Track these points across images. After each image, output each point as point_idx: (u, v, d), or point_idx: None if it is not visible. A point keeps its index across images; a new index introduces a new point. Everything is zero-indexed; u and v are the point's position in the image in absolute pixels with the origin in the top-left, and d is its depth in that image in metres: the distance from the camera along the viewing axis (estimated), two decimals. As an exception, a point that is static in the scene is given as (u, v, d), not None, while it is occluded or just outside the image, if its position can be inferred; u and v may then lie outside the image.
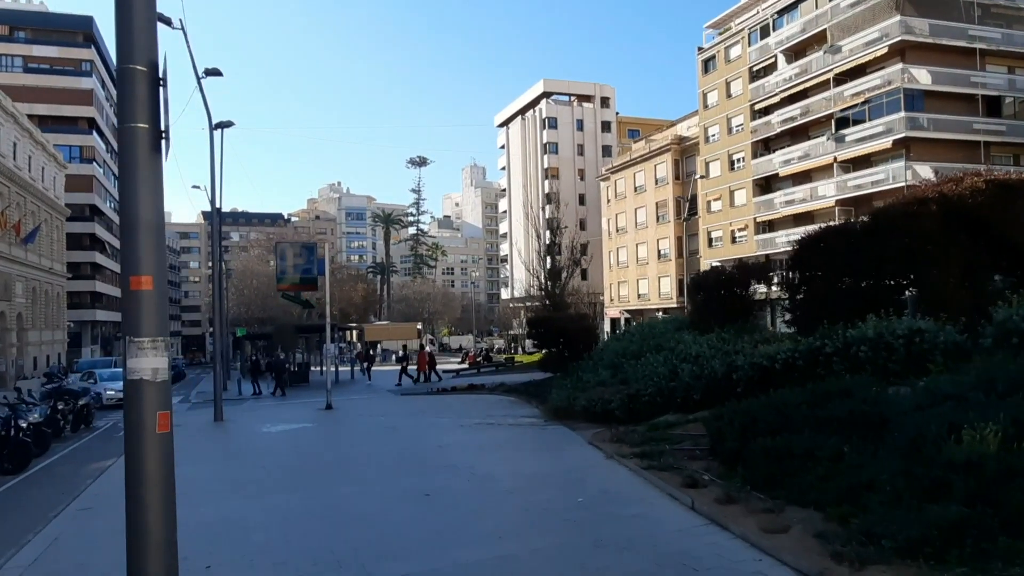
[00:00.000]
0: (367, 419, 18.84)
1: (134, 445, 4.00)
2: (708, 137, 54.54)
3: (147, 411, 3.98)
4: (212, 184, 20.27)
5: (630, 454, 10.57)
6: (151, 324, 3.96)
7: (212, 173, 20.23)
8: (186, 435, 17.56)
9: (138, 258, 3.89)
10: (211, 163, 20.23)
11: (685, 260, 58.21)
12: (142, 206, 3.90)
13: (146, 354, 3.92)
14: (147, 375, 3.96)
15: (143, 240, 3.89)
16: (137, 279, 3.83)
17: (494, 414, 17.92)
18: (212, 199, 20.11)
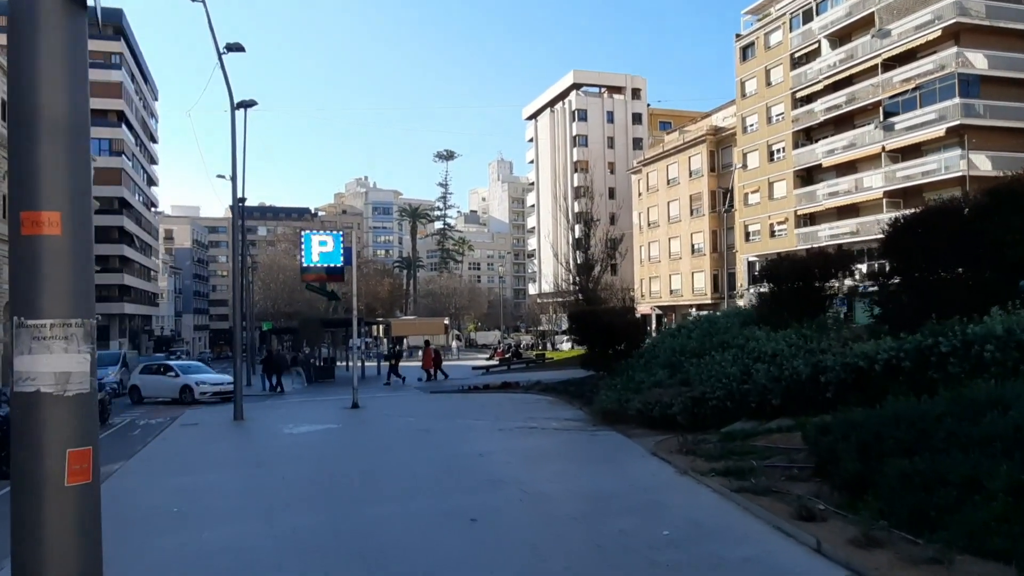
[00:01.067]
0: (396, 420, 17.32)
1: (26, 508, 2.28)
2: (746, 127, 52.31)
3: (49, 448, 2.28)
4: (233, 166, 18.89)
5: (709, 471, 8.85)
6: (59, 296, 2.37)
7: (233, 155, 18.84)
8: (203, 436, 16.21)
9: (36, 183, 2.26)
10: (232, 144, 18.85)
11: (721, 255, 56.14)
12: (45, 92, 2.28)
13: (48, 347, 2.34)
14: (48, 384, 2.31)
15: (46, 152, 2.26)
16: (34, 217, 2.24)
17: (535, 416, 16.28)
18: (233, 181, 18.75)
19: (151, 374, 27.41)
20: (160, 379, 26.62)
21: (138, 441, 16.07)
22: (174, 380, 26.06)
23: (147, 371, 28.05)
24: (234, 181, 18.71)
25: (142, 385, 26.58)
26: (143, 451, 14.28)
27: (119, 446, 15.68)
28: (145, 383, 26.69)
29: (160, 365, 29.49)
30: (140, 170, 73.16)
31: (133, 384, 27.05)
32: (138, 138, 71.00)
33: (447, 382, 30.86)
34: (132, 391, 26.80)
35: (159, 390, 26.20)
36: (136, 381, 27.02)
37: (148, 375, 27.39)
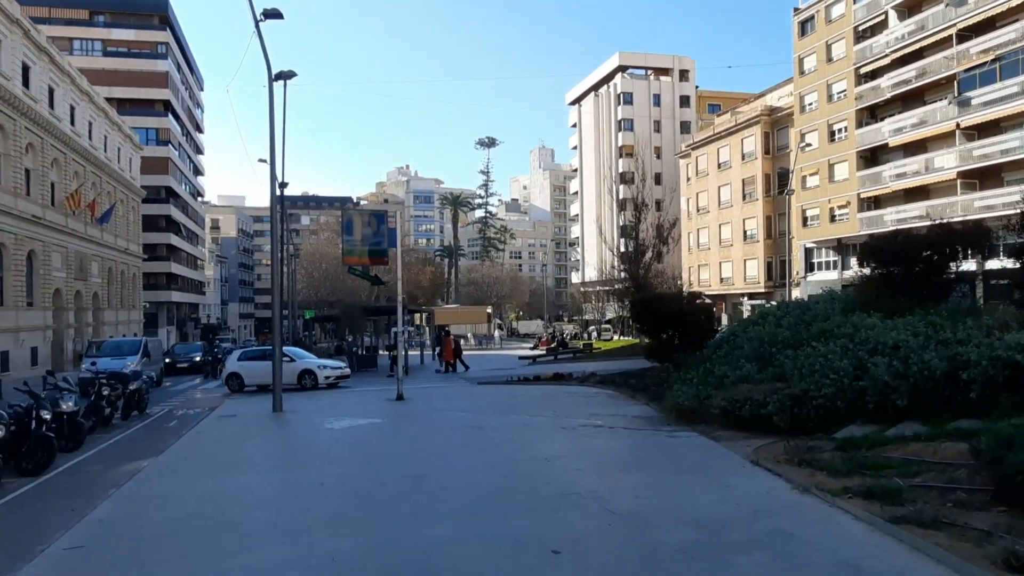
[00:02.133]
0: (445, 414, 15.83)
1: None
2: (804, 106, 49.35)
3: None
4: (271, 141, 17.55)
5: (840, 490, 7.07)
6: None
7: (271, 129, 17.49)
8: (237, 430, 14.96)
9: None
10: (270, 118, 17.51)
11: (775, 241, 53.42)
12: None
13: None
14: None
15: None
16: None
17: (597, 412, 14.61)
18: (272, 156, 17.41)
19: (255, 360, 25.00)
20: (269, 364, 24.80)
21: (172, 434, 14.92)
22: (290, 365, 23.87)
23: (249, 357, 25.75)
24: (272, 156, 17.39)
25: (244, 372, 24.26)
26: (174, 446, 13.08)
27: (152, 440, 14.56)
28: (249, 370, 24.33)
29: (264, 350, 27.05)
30: (186, 159, 73.33)
31: (232, 372, 24.62)
32: (184, 128, 71.09)
33: (495, 372, 29.38)
34: (231, 379, 24.45)
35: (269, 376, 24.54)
36: (236, 368, 24.69)
37: (252, 361, 25.02)
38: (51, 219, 39.89)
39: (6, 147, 35.14)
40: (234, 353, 27.49)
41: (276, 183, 18.67)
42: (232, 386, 24.26)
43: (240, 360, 25.57)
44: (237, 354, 26.86)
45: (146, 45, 64.67)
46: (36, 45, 38.47)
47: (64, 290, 42.20)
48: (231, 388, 24.20)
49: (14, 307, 35.46)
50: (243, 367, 24.69)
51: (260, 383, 23.91)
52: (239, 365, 24.98)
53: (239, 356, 26.37)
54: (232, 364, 25.38)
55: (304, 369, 24.18)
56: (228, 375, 24.76)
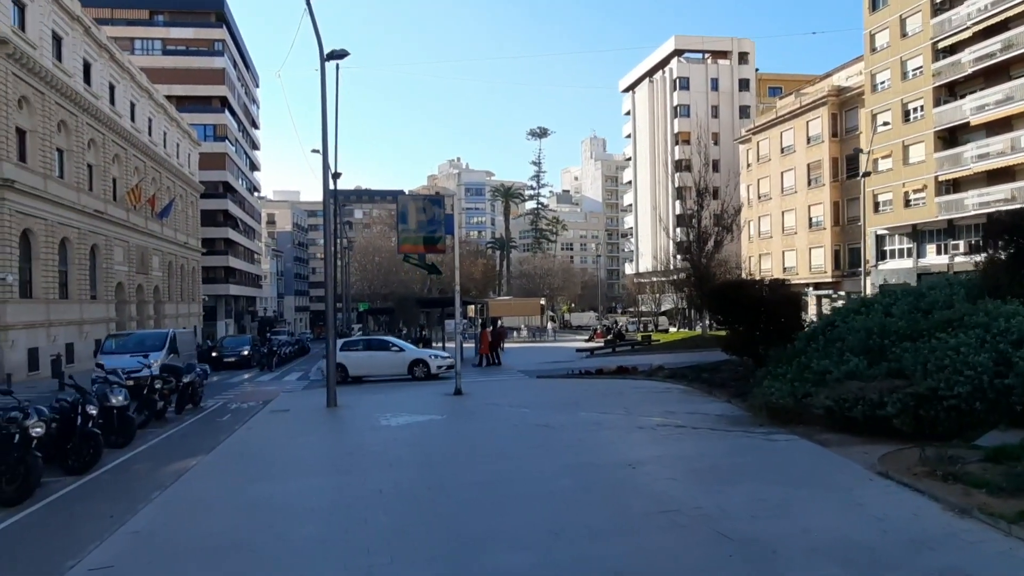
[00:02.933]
0: (506, 411, 14.72)
1: None
2: (875, 85, 46.43)
3: None
4: (323, 124, 16.70)
5: (1016, 515, 5.64)
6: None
7: (323, 111, 16.64)
8: (291, 426, 14.16)
9: None
10: (322, 100, 16.66)
11: (843, 228, 50.65)
12: None
13: None
14: None
15: None
16: None
17: (674, 410, 13.27)
18: (324, 140, 16.57)
19: (359, 350, 24.17)
20: (376, 355, 23.68)
21: (224, 429, 14.25)
22: (399, 355, 23.33)
23: (352, 347, 24.61)
24: (324, 139, 16.53)
25: (350, 364, 23.24)
26: (225, 443, 12.33)
27: (203, 435, 13.89)
28: (355, 361, 23.39)
29: (369, 340, 26.27)
30: (243, 155, 74.23)
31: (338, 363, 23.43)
32: (240, 124, 71.92)
33: (552, 365, 28.20)
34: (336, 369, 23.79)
35: (377, 367, 23.29)
36: (340, 359, 22.71)
37: (357, 352, 24.05)
38: (113, 214, 40.43)
39: (69, 143, 35.60)
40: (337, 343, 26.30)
41: (329, 172, 17.86)
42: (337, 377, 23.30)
43: (342, 351, 23.91)
44: (339, 344, 25.23)
45: (203, 43, 65.51)
46: (97, 42, 38.91)
47: (126, 283, 42.84)
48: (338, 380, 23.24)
49: (78, 300, 35.99)
50: (347, 358, 23.38)
51: (365, 374, 23.15)
52: (343, 356, 23.43)
53: (341, 346, 24.63)
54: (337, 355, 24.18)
55: (416, 359, 23.25)
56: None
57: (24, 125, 31.46)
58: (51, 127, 33.44)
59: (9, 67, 29.43)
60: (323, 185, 17.09)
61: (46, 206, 32.65)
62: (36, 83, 31.78)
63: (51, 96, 33.16)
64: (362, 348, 24.48)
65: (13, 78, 29.86)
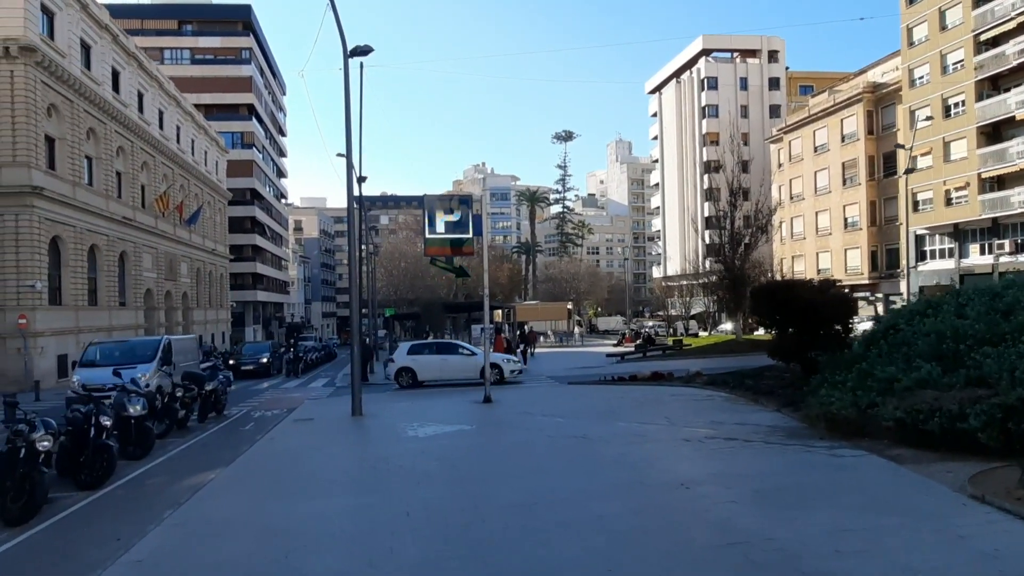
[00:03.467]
0: (540, 421, 13.89)
1: None
2: (913, 80, 44.83)
3: None
4: (347, 121, 16.08)
5: None
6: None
7: (347, 108, 16.03)
8: (314, 437, 13.47)
9: None
10: (346, 97, 16.05)
11: (880, 228, 49.00)
12: None
13: None
14: None
15: None
16: None
17: (720, 420, 12.33)
18: (348, 137, 15.94)
19: (430, 354, 23.20)
20: (448, 359, 22.62)
21: (246, 439, 13.63)
22: (471, 359, 22.39)
23: (420, 351, 23.58)
24: (348, 139, 15.90)
25: (419, 368, 22.32)
26: (245, 455, 11.68)
27: (224, 445, 13.29)
28: (424, 365, 22.41)
29: (438, 343, 25.40)
30: (270, 162, 74.49)
31: (403, 367, 22.46)
32: (267, 131, 72.20)
33: (583, 371, 27.31)
34: (401, 374, 22.33)
35: (448, 371, 22.27)
36: (407, 363, 22.56)
37: (427, 356, 23.02)
38: (141, 221, 40.46)
39: (98, 151, 35.65)
40: (402, 346, 24.80)
41: (352, 172, 17.23)
42: (402, 381, 22.37)
43: (410, 354, 23.12)
44: (405, 347, 24.18)
45: (231, 52, 65.89)
46: (125, 51, 39.01)
47: (155, 290, 42.87)
48: (401, 384, 22.33)
49: (107, 307, 35.97)
50: (416, 361, 22.66)
51: (435, 379, 22.36)
52: (411, 359, 22.80)
53: (408, 349, 23.69)
54: (402, 358, 22.95)
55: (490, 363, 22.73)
56: (398, 370, 22.61)
57: (53, 133, 31.49)
58: (80, 135, 33.47)
59: (38, 75, 29.45)
60: (347, 186, 16.46)
61: (75, 213, 32.64)
62: (65, 91, 31.82)
63: (80, 104, 33.20)
64: (432, 352, 23.52)
65: (42, 86, 29.89)
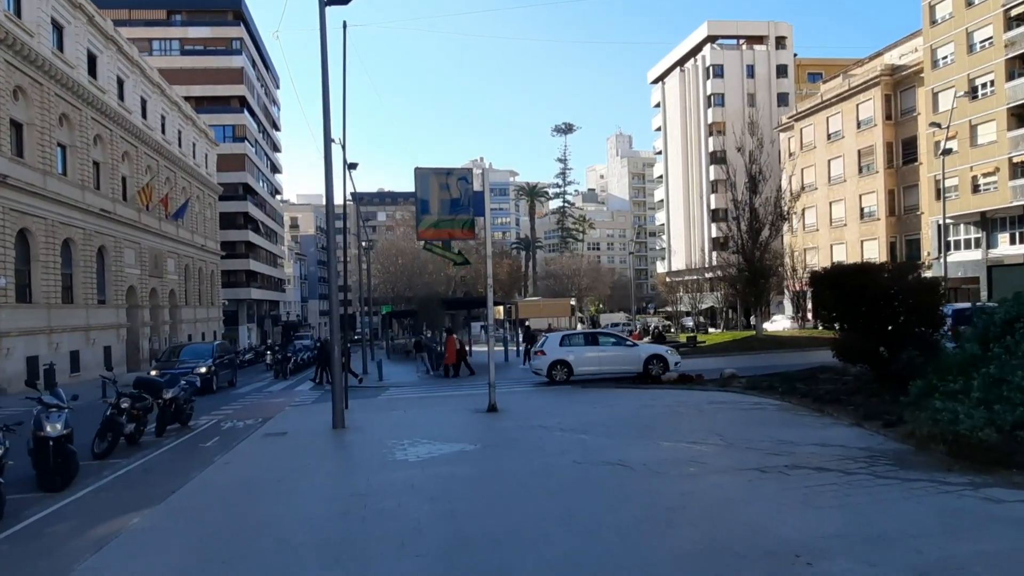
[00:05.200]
0: (559, 437, 11.18)
1: None
2: (936, 61, 42.14)
3: None
4: (324, 84, 13.37)
5: None
6: None
7: (324, 64, 13.31)
8: (281, 460, 10.74)
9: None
10: (322, 50, 13.34)
11: (899, 218, 46.33)
12: None
13: None
14: None
15: None
16: None
17: (791, 440, 9.64)
18: (324, 102, 13.22)
19: (587, 344, 20.74)
20: (606, 350, 20.28)
21: (199, 462, 10.95)
22: (632, 350, 20.11)
23: (575, 342, 20.99)
24: (325, 99, 13.18)
25: (575, 361, 20.02)
26: (185, 489, 8.98)
27: (170, 470, 10.60)
28: (580, 357, 20.12)
29: (591, 333, 22.78)
30: (263, 157, 71.72)
31: (557, 359, 20.04)
32: (260, 125, 69.43)
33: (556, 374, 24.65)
34: (555, 368, 19.90)
35: (607, 364, 20.00)
36: (561, 355, 20.14)
37: (582, 347, 20.55)
38: (122, 214, 37.72)
39: (72, 138, 32.91)
40: (552, 337, 22.07)
41: (330, 138, 14.44)
42: (556, 376, 19.89)
43: (563, 346, 20.71)
44: (556, 338, 21.56)
45: (221, 42, 63.15)
46: (102, 33, 36.22)
47: (139, 287, 40.14)
48: (554, 379, 19.84)
49: (84, 305, 33.24)
50: (571, 353, 20.22)
51: (593, 372, 19.87)
52: (564, 351, 20.33)
53: (560, 340, 21.19)
54: (554, 350, 20.52)
55: (653, 354, 19.91)
56: (552, 363, 20.10)
57: (20, 118, 28.75)
58: (51, 120, 30.72)
59: (1, 54, 26.73)
60: (325, 158, 13.76)
61: (46, 204, 29.90)
62: (33, 72, 29.07)
63: (51, 87, 30.45)
64: (586, 343, 21.00)
65: (6, 66, 27.15)
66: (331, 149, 13.92)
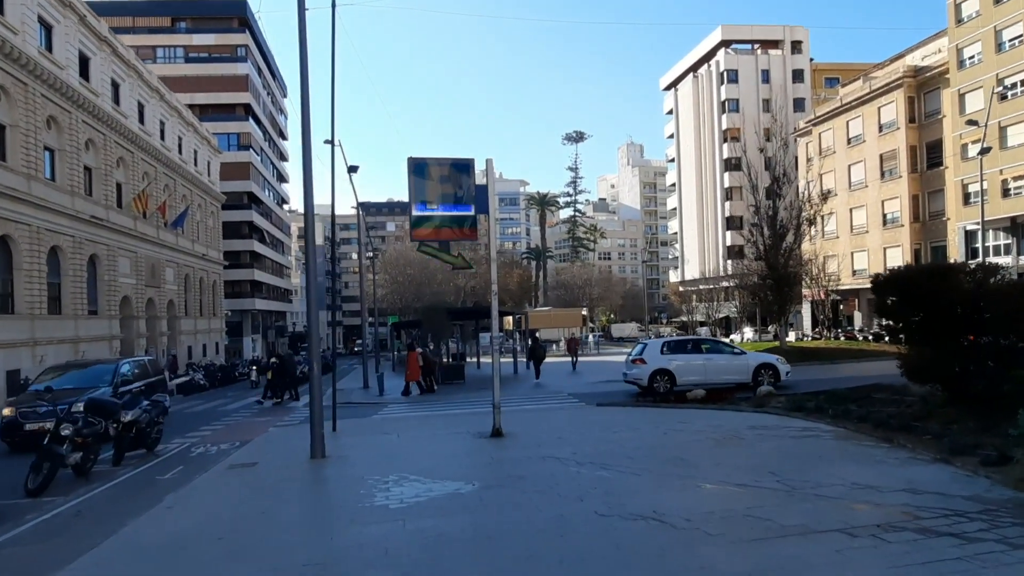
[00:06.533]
0: (574, 474, 9.18)
1: None
2: (963, 61, 40.10)
3: None
4: (303, 59, 11.57)
5: None
6: None
7: (302, 29, 11.51)
8: (236, 506, 8.73)
9: None
10: (300, 14, 11.56)
11: (924, 225, 44.14)
12: None
13: None
14: None
15: None
16: None
17: (868, 483, 7.60)
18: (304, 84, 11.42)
19: (690, 353, 19.36)
20: (712, 359, 18.81)
21: (148, 500, 9.07)
22: (739, 359, 18.69)
23: (677, 349, 19.61)
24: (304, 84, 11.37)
25: (678, 370, 18.63)
26: (109, 542, 7.08)
27: (101, 518, 8.66)
28: (684, 367, 18.75)
29: (695, 340, 21.12)
30: (269, 165, 70.34)
31: (659, 369, 18.64)
32: (266, 133, 68.10)
33: (609, 385, 22.66)
34: (656, 378, 18.51)
35: (713, 374, 18.60)
36: (663, 363, 18.74)
37: (685, 355, 19.20)
38: (116, 221, 36.11)
39: (61, 142, 31.35)
40: (652, 344, 20.53)
41: (308, 110, 12.71)
42: (658, 387, 18.38)
43: (665, 353, 19.16)
44: (657, 345, 20.03)
45: (226, 49, 61.94)
46: (95, 34, 34.78)
47: (134, 297, 38.47)
48: (655, 390, 18.30)
49: (73, 316, 31.53)
50: (673, 362, 18.82)
51: (698, 382, 18.26)
52: (666, 360, 18.87)
53: (661, 348, 19.68)
54: (655, 358, 19.04)
55: (763, 363, 18.55)
56: (653, 372, 18.64)
57: (2, 119, 27.17)
58: (37, 123, 29.15)
59: (-21, 51, 25.26)
60: (303, 149, 11.94)
61: (30, 210, 28.26)
62: (17, 72, 27.52)
63: (36, 87, 28.91)
64: (689, 350, 19.49)
65: (-15, 63, 25.69)
66: (310, 140, 12.12)
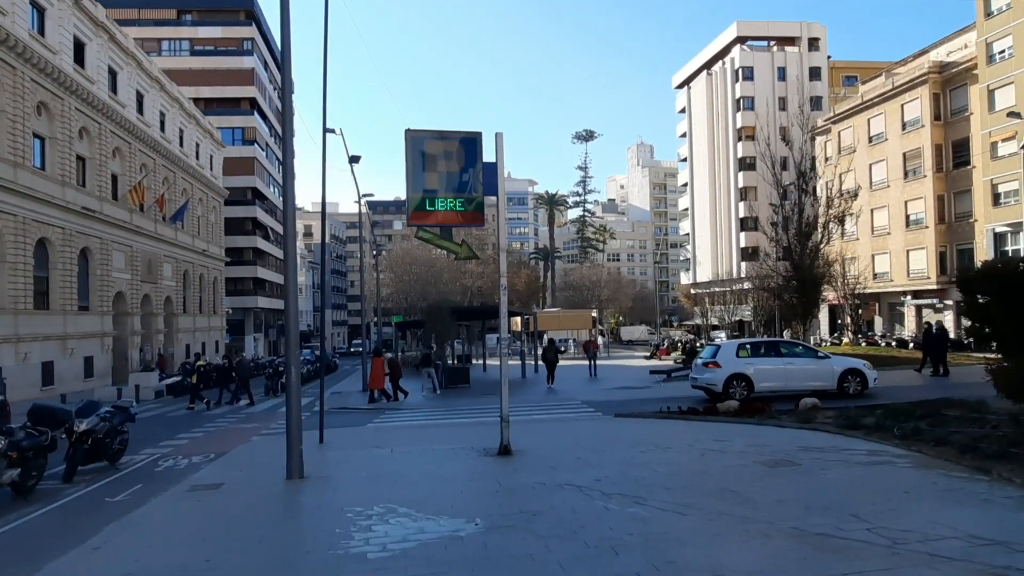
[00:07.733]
0: (601, 510, 7.38)
1: None
2: (992, 56, 38.05)
3: None
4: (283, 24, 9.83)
5: None
6: None
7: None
8: (189, 539, 6.92)
9: None
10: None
11: (949, 226, 42.04)
12: None
13: None
14: None
15: None
16: None
17: (978, 532, 5.78)
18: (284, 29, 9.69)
19: (769, 356, 17.71)
20: (794, 363, 17.26)
21: (86, 529, 7.36)
22: (823, 363, 17.24)
23: (754, 352, 17.82)
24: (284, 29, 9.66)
25: (757, 375, 17.13)
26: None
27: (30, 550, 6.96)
28: (764, 371, 17.20)
29: (772, 343, 19.33)
30: (274, 161, 68.78)
31: (735, 373, 17.04)
32: (272, 128, 66.56)
33: (626, 393, 20.84)
34: (732, 382, 16.97)
35: (795, 379, 17.06)
36: (740, 368, 17.15)
37: (764, 358, 17.55)
38: (111, 214, 34.54)
39: (52, 130, 29.79)
40: (727, 346, 18.95)
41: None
42: (735, 393, 16.72)
43: (742, 356, 17.55)
44: (732, 348, 18.39)
45: (232, 42, 60.43)
46: (91, 19, 33.23)
47: (128, 293, 36.88)
48: (731, 396, 16.53)
49: (61, 311, 29.94)
50: (750, 366, 17.19)
51: (778, 388, 16.87)
52: (743, 364, 17.25)
53: (736, 350, 17.99)
54: (730, 362, 17.45)
55: (849, 368, 17.09)
56: (728, 377, 17.10)
57: (-13, 103, 25.71)
58: (26, 109, 27.58)
59: (-39, 30, 23.69)
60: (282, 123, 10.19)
61: (15, 199, 26.69)
62: (4, 54, 25.98)
63: (26, 72, 27.35)
64: (770, 353, 17.81)
65: (-31, 45, 24.13)
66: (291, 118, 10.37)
